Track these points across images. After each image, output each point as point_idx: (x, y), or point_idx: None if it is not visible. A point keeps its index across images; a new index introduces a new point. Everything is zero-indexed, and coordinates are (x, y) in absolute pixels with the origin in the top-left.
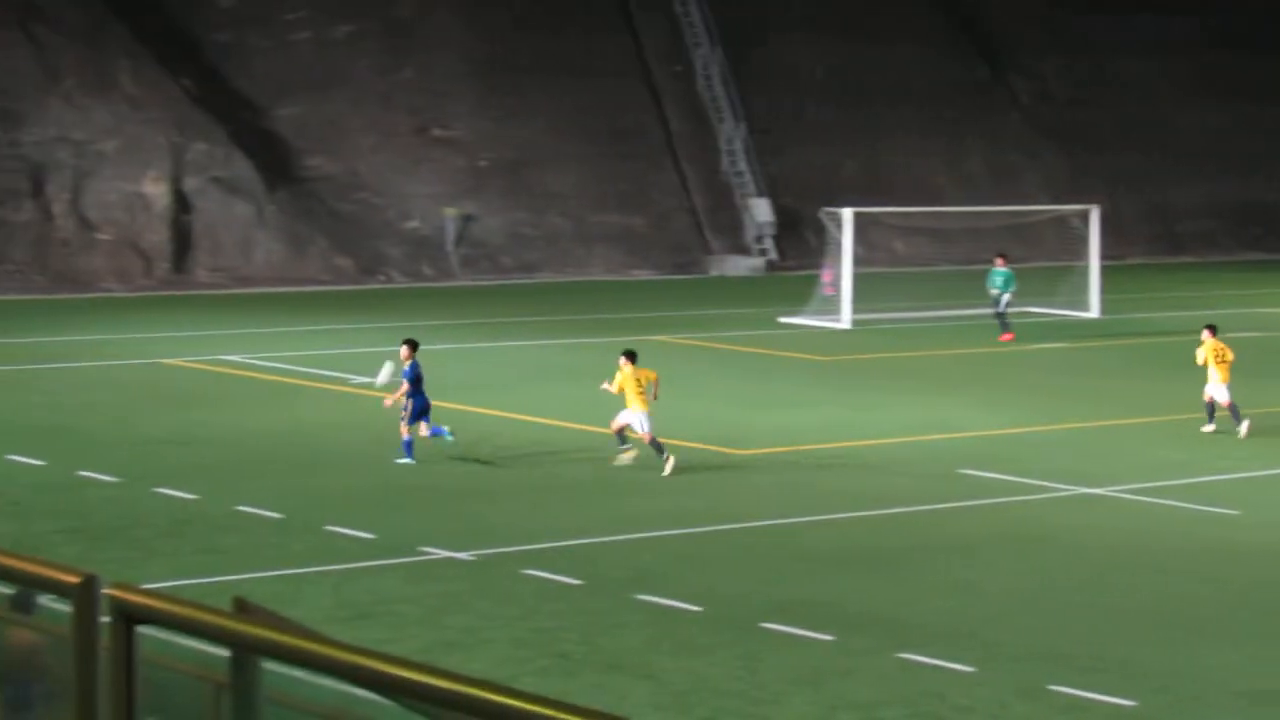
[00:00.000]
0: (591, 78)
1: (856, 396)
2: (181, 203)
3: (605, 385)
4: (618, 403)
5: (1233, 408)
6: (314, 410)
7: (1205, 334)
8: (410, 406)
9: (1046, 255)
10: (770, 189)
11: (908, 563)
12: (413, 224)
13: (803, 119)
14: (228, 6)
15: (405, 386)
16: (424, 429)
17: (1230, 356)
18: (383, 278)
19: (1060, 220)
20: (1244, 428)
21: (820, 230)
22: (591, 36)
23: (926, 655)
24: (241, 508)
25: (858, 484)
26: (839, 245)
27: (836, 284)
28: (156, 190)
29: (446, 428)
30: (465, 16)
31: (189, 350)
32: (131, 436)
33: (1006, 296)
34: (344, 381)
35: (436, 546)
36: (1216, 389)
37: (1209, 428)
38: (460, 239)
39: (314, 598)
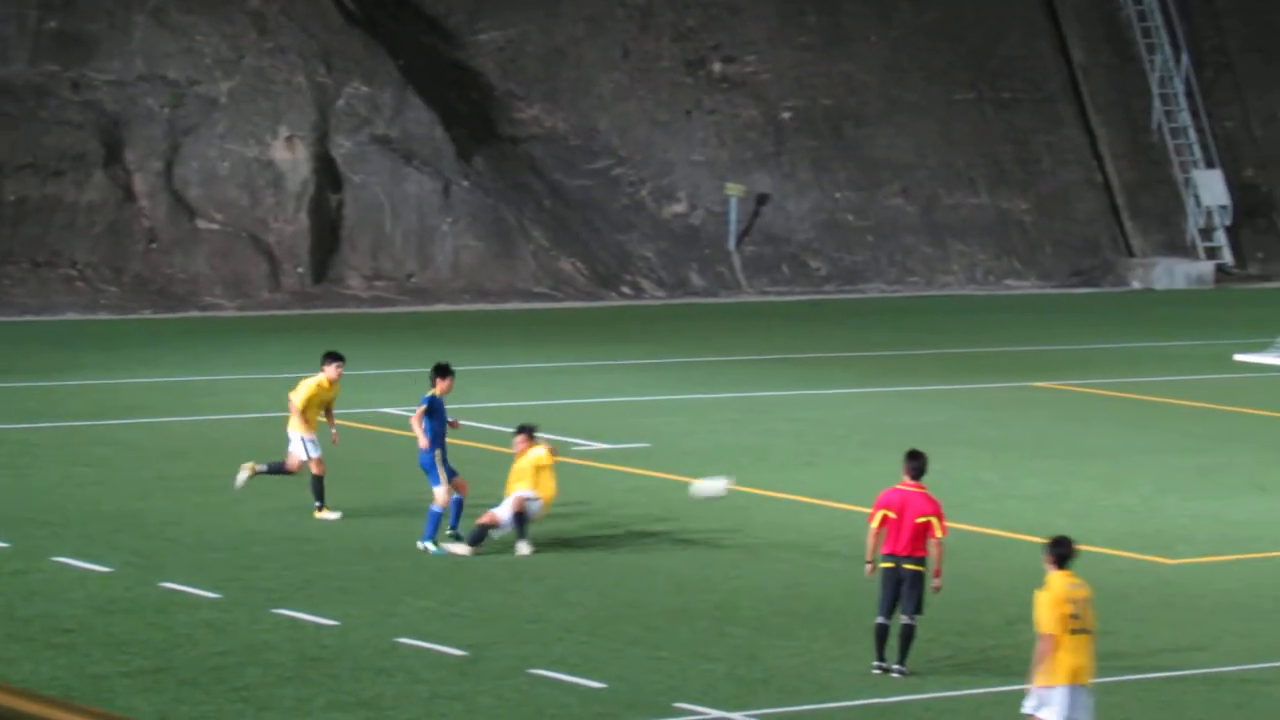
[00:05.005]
0: None
1: None
2: (328, 176)
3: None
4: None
5: None
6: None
7: None
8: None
9: None
10: (1227, 156)
11: None
12: (677, 209)
13: (1273, 48)
14: None
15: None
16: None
17: None
18: (629, 290)
19: None
20: None
21: None
22: None
23: None
24: (400, 640)
25: None
26: None
27: None
28: (290, 156)
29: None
30: None
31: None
32: (237, 530)
33: None
34: (568, 449)
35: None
36: None
37: None
38: (748, 231)
39: None
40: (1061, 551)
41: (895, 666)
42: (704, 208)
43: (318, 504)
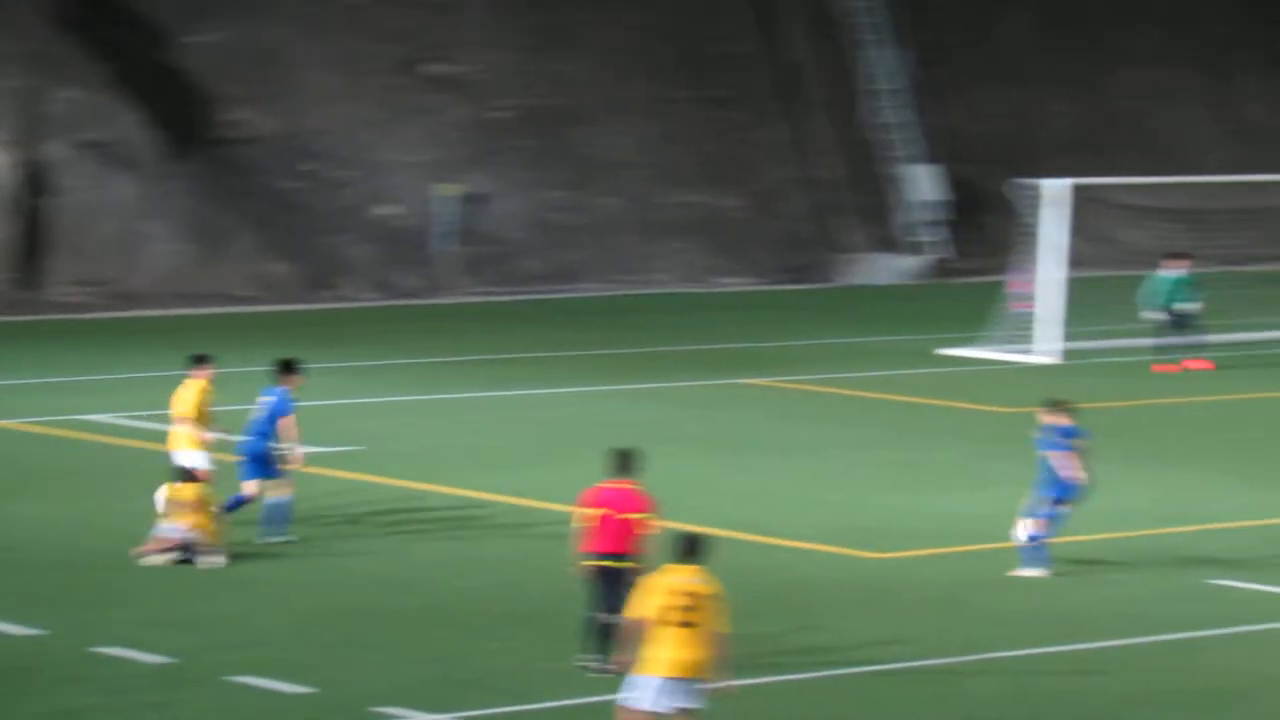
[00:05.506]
0: None
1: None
2: (35, 181)
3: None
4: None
5: None
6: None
7: None
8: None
9: None
10: (941, 152)
11: None
12: (388, 210)
13: (991, 43)
14: None
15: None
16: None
17: None
18: (340, 293)
19: None
20: None
21: (1011, 213)
22: None
23: None
24: (101, 649)
25: (1051, 603)
26: (1039, 236)
27: (1031, 295)
28: None
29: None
30: None
31: (34, 406)
32: None
33: (1190, 308)
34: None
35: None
36: None
37: None
38: (461, 232)
39: None
40: (686, 547)
41: (601, 661)
42: (416, 209)
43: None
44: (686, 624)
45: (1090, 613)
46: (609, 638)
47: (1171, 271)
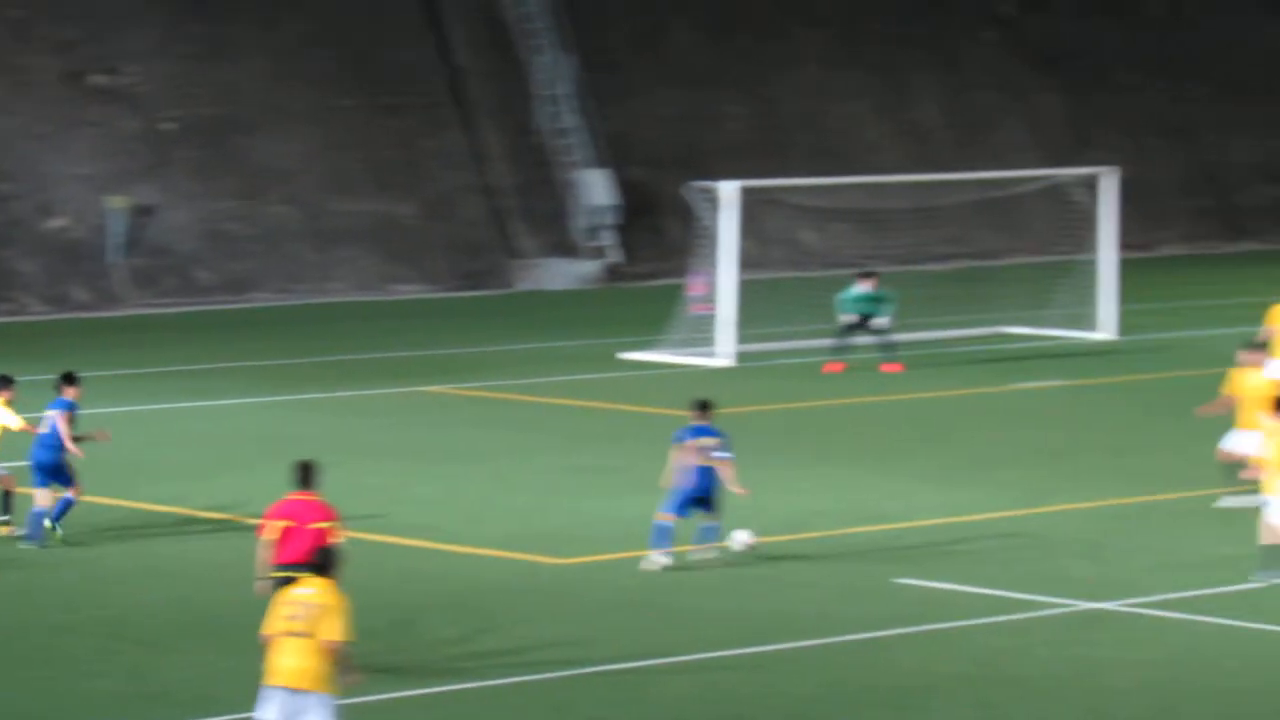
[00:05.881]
0: None
1: (737, 471)
2: None
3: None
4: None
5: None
6: None
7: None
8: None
9: (1036, 246)
10: (614, 156)
11: None
12: (58, 223)
13: (662, 48)
14: None
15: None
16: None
17: None
18: (10, 306)
19: (1056, 192)
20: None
21: (687, 216)
22: None
23: None
24: None
25: (739, 605)
26: (715, 238)
27: (711, 298)
28: None
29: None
30: None
31: None
32: None
33: (881, 323)
34: None
35: None
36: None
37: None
38: (131, 244)
39: None
40: (316, 560)
41: None
42: (86, 221)
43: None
44: (296, 634)
45: (777, 613)
46: None
47: (862, 288)
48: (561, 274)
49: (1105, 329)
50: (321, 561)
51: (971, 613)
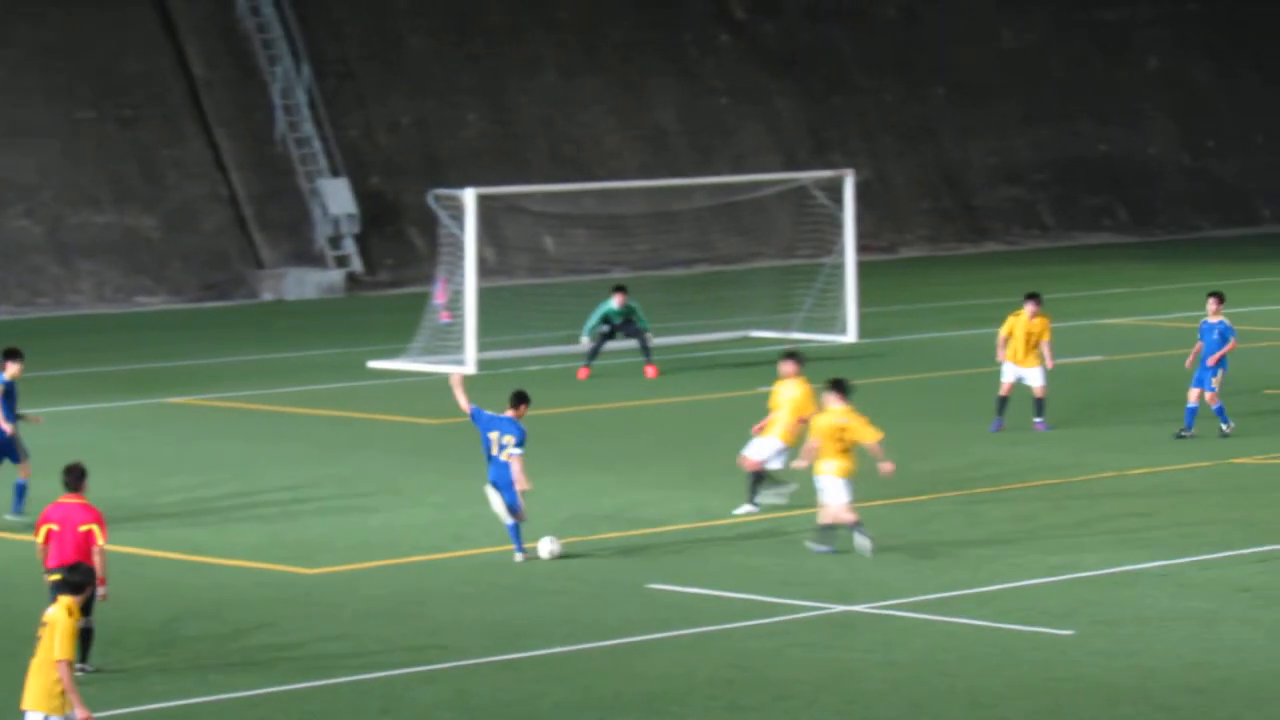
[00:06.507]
0: (70, 4)
1: (477, 479)
2: None
3: None
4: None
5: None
6: None
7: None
8: None
9: (778, 250)
10: (352, 165)
11: None
12: None
13: (398, 56)
14: None
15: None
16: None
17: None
18: None
19: (798, 194)
20: None
21: (430, 223)
22: None
23: None
24: None
25: (496, 612)
26: (458, 245)
27: (455, 306)
28: None
29: None
30: None
31: None
32: None
33: (639, 333)
34: None
35: None
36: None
37: None
38: None
39: None
40: (67, 580)
41: (82, 666)
42: None
43: None
44: (37, 654)
45: (529, 620)
46: (87, 642)
47: (617, 303)
48: (305, 283)
49: (848, 331)
50: (68, 579)
51: (725, 617)
